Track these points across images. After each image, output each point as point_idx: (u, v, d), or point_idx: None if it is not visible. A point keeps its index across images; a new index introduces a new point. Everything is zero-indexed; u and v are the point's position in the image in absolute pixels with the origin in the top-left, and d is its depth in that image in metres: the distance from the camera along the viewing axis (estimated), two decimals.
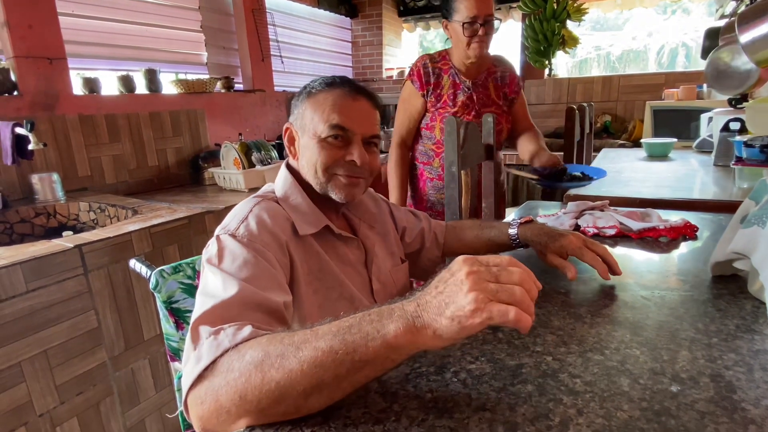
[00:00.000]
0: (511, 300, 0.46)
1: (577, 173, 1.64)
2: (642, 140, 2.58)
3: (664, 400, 0.51)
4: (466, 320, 0.45)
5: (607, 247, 0.88)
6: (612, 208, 1.29)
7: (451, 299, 0.46)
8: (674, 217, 1.21)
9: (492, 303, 0.45)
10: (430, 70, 1.69)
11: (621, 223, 1.17)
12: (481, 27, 1.53)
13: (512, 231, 0.97)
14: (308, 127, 0.82)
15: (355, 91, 0.82)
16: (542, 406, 0.51)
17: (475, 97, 1.69)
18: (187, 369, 0.53)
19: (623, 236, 1.14)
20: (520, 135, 1.83)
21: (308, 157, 0.82)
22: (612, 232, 1.14)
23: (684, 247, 1.08)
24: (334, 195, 0.83)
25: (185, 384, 0.52)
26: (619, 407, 0.50)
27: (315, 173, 0.82)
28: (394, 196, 1.81)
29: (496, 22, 1.57)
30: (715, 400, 0.51)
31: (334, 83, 0.82)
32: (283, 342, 0.49)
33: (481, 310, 0.44)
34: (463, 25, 1.53)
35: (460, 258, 0.49)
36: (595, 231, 1.16)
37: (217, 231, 0.75)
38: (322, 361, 0.47)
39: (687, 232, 1.14)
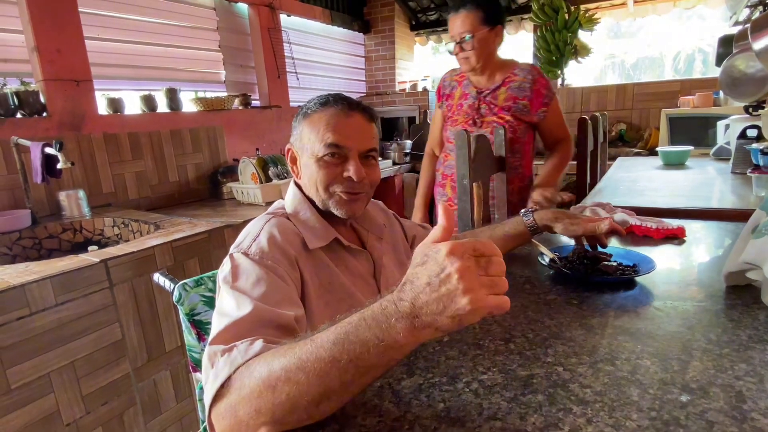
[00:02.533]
0: (501, 292, 0.47)
1: (613, 262, 0.99)
2: (658, 148, 2.56)
3: (673, 409, 0.52)
4: (467, 317, 0.46)
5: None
6: (619, 208, 1.33)
7: (449, 299, 0.46)
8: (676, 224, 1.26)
9: (488, 298, 0.46)
10: (448, 83, 1.81)
11: (614, 220, 1.26)
12: (457, 45, 1.60)
13: (527, 218, 1.01)
14: (306, 147, 0.85)
15: (348, 108, 0.84)
16: (552, 416, 0.53)
17: (478, 106, 1.70)
18: (206, 387, 0.56)
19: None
20: (549, 151, 1.78)
21: (309, 176, 0.85)
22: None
23: (699, 257, 1.08)
24: (336, 211, 0.86)
25: (207, 402, 0.55)
26: (628, 417, 0.51)
27: (317, 191, 0.85)
28: (416, 201, 1.98)
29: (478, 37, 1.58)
30: (725, 410, 0.52)
31: (327, 102, 0.85)
32: (286, 355, 0.51)
33: (480, 308, 0.45)
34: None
35: (445, 248, 0.47)
36: None
37: (231, 249, 0.78)
38: (326, 371, 0.49)
39: (677, 233, 1.20)
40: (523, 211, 1.06)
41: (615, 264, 0.98)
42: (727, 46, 2.21)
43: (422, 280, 0.47)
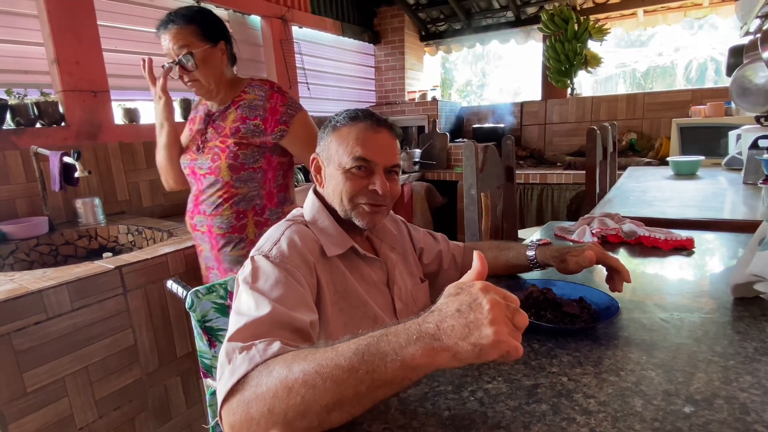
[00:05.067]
0: (519, 341, 0.49)
1: (572, 301, 0.86)
2: (669, 158, 2.55)
3: (676, 420, 0.53)
4: (487, 349, 0.48)
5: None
6: (628, 218, 1.34)
7: (476, 326, 0.48)
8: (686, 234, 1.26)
9: (511, 339, 0.48)
10: (193, 106, 1.61)
11: (622, 230, 1.27)
12: (178, 67, 1.34)
13: (530, 253, 0.99)
14: (334, 159, 0.88)
15: (376, 124, 0.88)
16: (556, 425, 0.53)
17: (205, 130, 1.44)
18: (221, 382, 0.58)
19: (629, 244, 1.24)
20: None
21: (334, 186, 0.88)
22: (613, 232, 1.27)
23: (707, 269, 1.08)
24: (358, 222, 0.88)
25: (220, 396, 0.57)
26: (631, 427, 0.52)
27: (340, 201, 0.88)
28: None
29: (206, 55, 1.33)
30: (728, 421, 0.52)
31: (357, 117, 0.88)
32: (306, 359, 0.53)
33: (502, 343, 0.48)
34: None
35: (480, 283, 0.51)
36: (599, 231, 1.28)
37: (252, 252, 0.81)
38: (343, 379, 0.50)
39: (686, 244, 1.20)
40: (529, 242, 1.04)
41: (576, 304, 0.84)
42: (737, 56, 2.20)
43: (452, 307, 0.50)
